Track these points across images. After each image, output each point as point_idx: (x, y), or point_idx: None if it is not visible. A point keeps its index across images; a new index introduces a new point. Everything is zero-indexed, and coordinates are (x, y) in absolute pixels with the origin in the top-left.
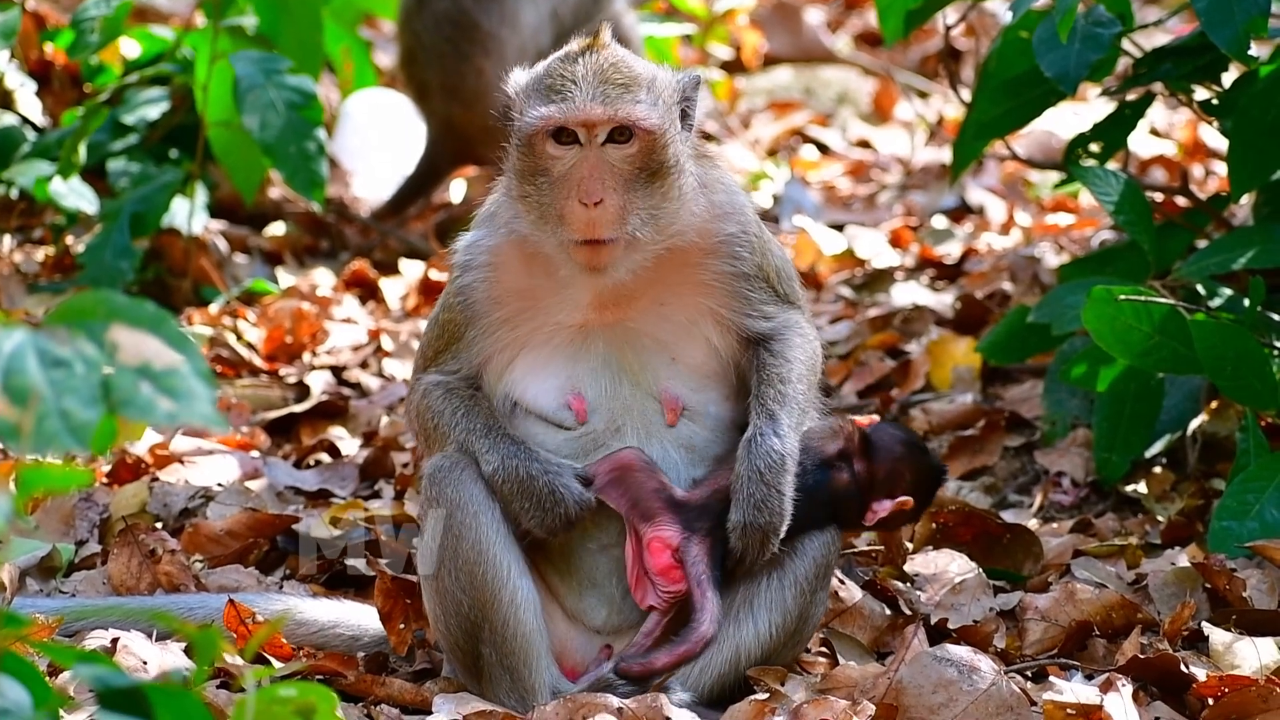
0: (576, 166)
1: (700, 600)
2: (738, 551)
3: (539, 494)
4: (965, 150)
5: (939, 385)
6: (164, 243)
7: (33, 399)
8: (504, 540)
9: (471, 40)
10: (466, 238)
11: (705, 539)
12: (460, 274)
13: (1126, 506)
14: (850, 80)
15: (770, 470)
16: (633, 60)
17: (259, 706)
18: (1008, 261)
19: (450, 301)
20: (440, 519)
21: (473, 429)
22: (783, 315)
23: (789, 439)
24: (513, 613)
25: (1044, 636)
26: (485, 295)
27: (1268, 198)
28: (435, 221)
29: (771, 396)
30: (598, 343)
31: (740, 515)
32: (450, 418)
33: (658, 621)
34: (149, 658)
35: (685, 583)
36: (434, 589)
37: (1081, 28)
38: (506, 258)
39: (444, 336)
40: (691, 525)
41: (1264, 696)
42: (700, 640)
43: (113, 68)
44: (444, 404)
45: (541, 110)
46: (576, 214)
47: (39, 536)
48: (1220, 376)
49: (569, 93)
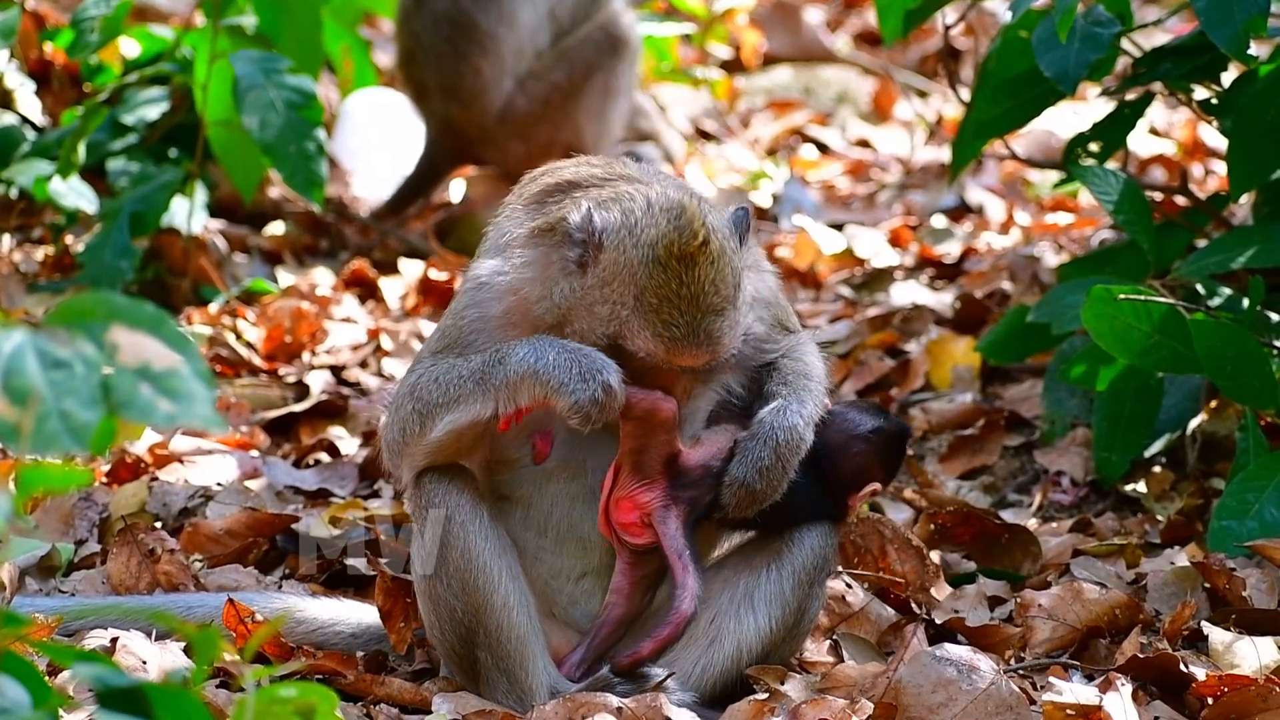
0: (657, 370)
1: (681, 577)
2: (726, 506)
3: (581, 364)
4: (964, 150)
5: (938, 385)
6: (163, 242)
7: (33, 400)
8: (493, 546)
9: (470, 40)
10: (486, 258)
11: (685, 510)
12: (476, 297)
13: (1126, 506)
14: (850, 80)
15: (786, 444)
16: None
17: (259, 706)
18: (1007, 261)
19: (462, 312)
20: (429, 526)
21: (489, 356)
22: (787, 340)
23: (809, 426)
24: (505, 616)
25: (1052, 636)
26: (502, 322)
27: (1267, 197)
28: (435, 221)
29: (796, 385)
30: None
31: (741, 473)
32: (463, 366)
33: (614, 620)
34: (148, 657)
35: (649, 540)
36: (427, 595)
37: (1081, 27)
38: (527, 291)
39: (447, 339)
40: (677, 492)
41: (1263, 696)
42: (681, 620)
43: (112, 67)
44: (451, 365)
45: (650, 345)
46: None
47: (38, 536)
48: (1220, 376)
49: (675, 335)
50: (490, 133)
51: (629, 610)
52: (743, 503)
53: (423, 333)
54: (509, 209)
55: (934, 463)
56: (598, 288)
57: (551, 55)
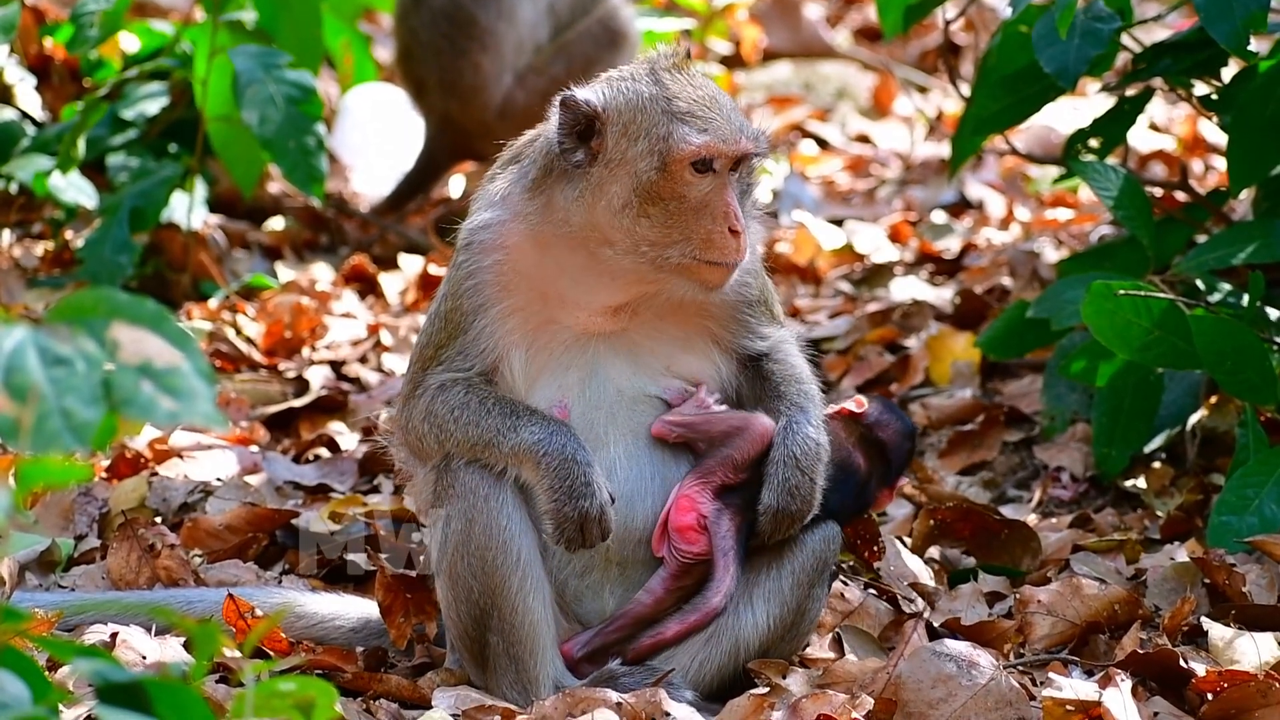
0: (717, 193)
1: (720, 573)
2: (763, 533)
3: (574, 479)
4: (964, 145)
5: (938, 380)
6: (163, 237)
7: (33, 397)
8: (517, 528)
9: (469, 36)
10: (476, 218)
11: (738, 515)
12: (469, 256)
13: (1126, 501)
14: (849, 75)
15: (806, 457)
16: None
17: (258, 701)
18: (1007, 256)
19: (457, 287)
20: (456, 501)
21: (508, 412)
22: (776, 334)
23: (821, 430)
24: (522, 600)
25: (1052, 632)
26: (496, 280)
27: (1267, 193)
28: (434, 217)
29: (794, 393)
30: (592, 350)
31: (773, 499)
32: (479, 409)
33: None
34: (148, 652)
35: (702, 548)
36: (447, 574)
37: (1081, 23)
38: (521, 244)
39: (448, 328)
40: (726, 498)
41: (1263, 691)
42: (710, 612)
43: (112, 62)
44: (467, 396)
45: (697, 139)
46: (725, 239)
47: (38, 531)
48: (1219, 371)
49: (715, 123)
50: (490, 128)
51: (653, 613)
52: (780, 526)
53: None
54: (484, 183)
55: (934, 458)
56: (616, 158)
57: (551, 50)
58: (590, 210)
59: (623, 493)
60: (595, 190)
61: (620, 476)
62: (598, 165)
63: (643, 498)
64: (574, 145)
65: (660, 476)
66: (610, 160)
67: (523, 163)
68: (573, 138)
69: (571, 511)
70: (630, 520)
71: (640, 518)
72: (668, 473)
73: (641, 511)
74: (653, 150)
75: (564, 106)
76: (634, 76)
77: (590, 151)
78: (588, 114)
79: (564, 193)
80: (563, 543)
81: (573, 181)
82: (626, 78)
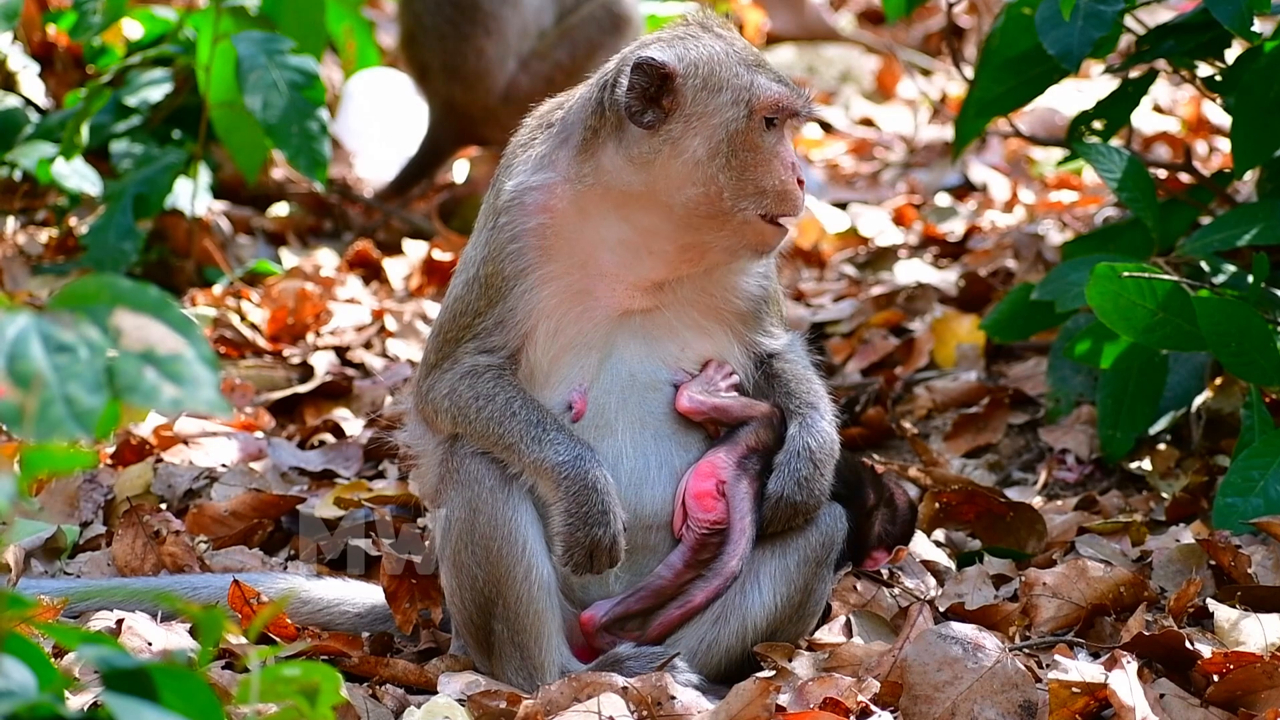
0: (785, 146)
1: (736, 539)
2: (767, 521)
3: (592, 506)
4: (968, 128)
5: (943, 363)
6: (167, 224)
7: (37, 384)
8: (522, 517)
9: (472, 20)
10: (519, 179)
11: (755, 481)
12: (512, 217)
13: (1131, 483)
14: (853, 58)
15: (820, 449)
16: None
17: (263, 686)
18: (1011, 239)
19: (498, 250)
20: (461, 493)
21: (534, 420)
22: (786, 336)
23: (834, 429)
24: (526, 589)
25: (1058, 614)
26: (540, 244)
27: (1271, 174)
28: (438, 202)
29: (806, 391)
30: (613, 332)
31: (780, 487)
32: (505, 407)
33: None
34: (154, 638)
35: (719, 515)
36: (451, 562)
37: (1084, 5)
38: (567, 208)
39: (487, 294)
40: (745, 464)
41: (1269, 673)
42: (729, 576)
43: (115, 49)
44: (495, 388)
45: (777, 88)
46: (795, 191)
47: (43, 518)
48: (1224, 353)
49: (786, 80)
50: (493, 113)
51: (672, 586)
52: (785, 516)
53: (427, 313)
54: (514, 150)
55: (938, 441)
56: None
57: (554, 34)
58: (661, 168)
59: (629, 480)
60: (671, 146)
61: (627, 465)
62: (674, 121)
63: (650, 485)
64: (643, 106)
65: (667, 465)
66: (690, 114)
67: (558, 128)
68: (642, 99)
69: (585, 538)
70: (637, 507)
71: (648, 505)
72: (675, 460)
73: (649, 499)
74: (738, 100)
75: (638, 69)
76: (693, 35)
77: (662, 110)
78: (664, 73)
79: (615, 155)
80: (570, 566)
81: (626, 143)
82: (686, 37)
